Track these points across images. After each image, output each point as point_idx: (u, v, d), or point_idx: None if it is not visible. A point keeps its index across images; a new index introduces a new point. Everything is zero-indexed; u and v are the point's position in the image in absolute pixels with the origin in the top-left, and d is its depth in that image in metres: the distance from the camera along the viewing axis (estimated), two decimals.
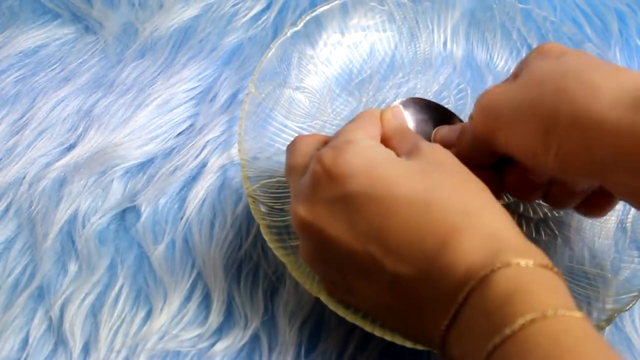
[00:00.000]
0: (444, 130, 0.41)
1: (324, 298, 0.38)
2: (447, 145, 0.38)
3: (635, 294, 0.40)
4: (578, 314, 0.28)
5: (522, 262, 0.29)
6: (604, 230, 0.44)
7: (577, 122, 0.31)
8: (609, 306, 0.39)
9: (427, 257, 0.30)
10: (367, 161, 0.33)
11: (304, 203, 0.34)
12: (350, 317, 0.38)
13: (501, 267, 0.29)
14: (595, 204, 0.38)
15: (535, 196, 0.39)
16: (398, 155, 0.35)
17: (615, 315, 0.39)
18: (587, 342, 0.27)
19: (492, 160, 0.38)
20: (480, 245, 0.30)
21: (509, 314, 0.27)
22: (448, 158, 0.34)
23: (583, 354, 0.26)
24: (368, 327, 0.37)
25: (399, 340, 0.37)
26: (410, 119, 0.43)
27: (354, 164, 0.33)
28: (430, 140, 0.41)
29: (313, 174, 0.34)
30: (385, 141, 0.38)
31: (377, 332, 0.37)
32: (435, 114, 0.43)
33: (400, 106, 0.42)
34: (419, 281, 0.31)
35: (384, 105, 0.49)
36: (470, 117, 0.38)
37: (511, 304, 0.28)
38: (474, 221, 0.31)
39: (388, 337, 0.37)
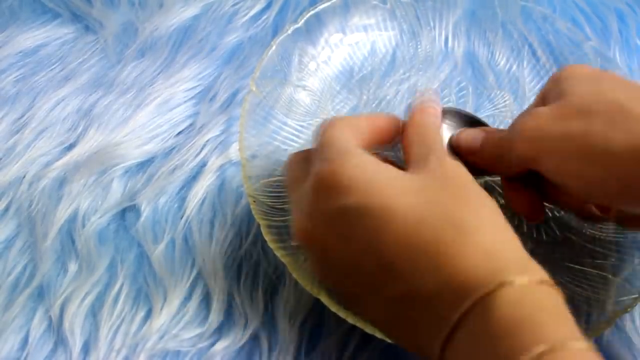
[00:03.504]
0: (468, 135, 0.40)
1: (324, 299, 0.38)
2: (469, 149, 0.38)
3: (635, 295, 0.40)
4: (585, 345, 0.27)
5: (521, 281, 0.28)
6: (604, 231, 0.43)
7: (634, 152, 0.31)
8: (609, 307, 0.39)
9: (420, 275, 0.30)
10: (364, 175, 0.32)
11: (304, 217, 0.34)
12: (351, 319, 0.38)
13: (499, 287, 0.28)
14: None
15: (540, 215, 0.39)
16: (409, 161, 0.35)
17: (616, 317, 0.39)
18: None
19: (516, 171, 0.37)
20: (475, 264, 0.29)
21: (515, 346, 0.27)
22: (455, 172, 0.33)
23: None
24: (369, 329, 0.37)
25: None
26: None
27: (351, 178, 0.32)
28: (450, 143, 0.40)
29: (311, 189, 0.33)
30: (404, 142, 0.37)
31: (378, 334, 0.37)
32: (462, 123, 0.41)
33: (435, 91, 0.40)
34: (412, 299, 0.30)
35: (384, 102, 0.49)
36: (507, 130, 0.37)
37: (517, 335, 0.27)
38: (468, 239, 0.30)
39: (389, 340, 0.37)
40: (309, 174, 0.35)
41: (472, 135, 0.39)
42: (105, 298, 0.42)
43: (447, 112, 0.41)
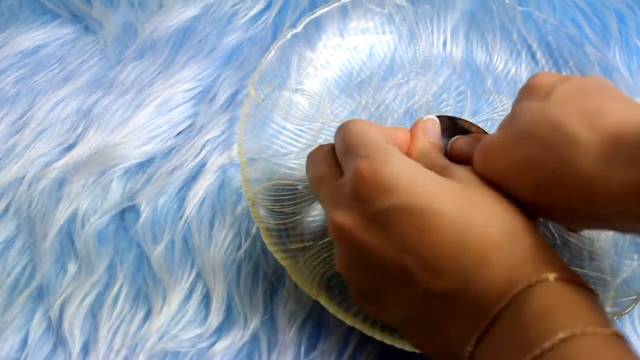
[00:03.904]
0: (461, 142, 0.40)
1: (323, 301, 0.38)
2: (464, 157, 0.38)
3: (634, 297, 0.40)
4: (611, 331, 0.28)
5: (556, 278, 0.30)
6: (603, 233, 0.43)
7: (566, 180, 0.31)
8: (608, 309, 0.40)
9: (465, 273, 0.31)
10: (407, 175, 0.33)
11: (344, 212, 0.33)
12: (349, 320, 0.38)
13: (536, 283, 0.29)
14: None
15: None
16: None
17: (615, 318, 0.39)
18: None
19: None
20: (518, 263, 0.30)
21: (548, 328, 0.28)
22: (480, 180, 0.34)
23: None
24: (368, 331, 0.38)
25: (398, 344, 0.37)
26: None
27: (393, 177, 0.32)
28: (445, 152, 0.40)
29: (351, 186, 0.33)
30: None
31: (377, 336, 0.37)
32: (454, 129, 0.42)
33: (436, 119, 0.40)
34: (452, 295, 0.31)
35: (382, 106, 0.49)
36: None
37: (551, 318, 0.28)
38: (512, 240, 0.31)
39: (387, 341, 0.37)
40: (336, 168, 0.36)
41: (465, 144, 0.40)
42: (105, 298, 0.42)
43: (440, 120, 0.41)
